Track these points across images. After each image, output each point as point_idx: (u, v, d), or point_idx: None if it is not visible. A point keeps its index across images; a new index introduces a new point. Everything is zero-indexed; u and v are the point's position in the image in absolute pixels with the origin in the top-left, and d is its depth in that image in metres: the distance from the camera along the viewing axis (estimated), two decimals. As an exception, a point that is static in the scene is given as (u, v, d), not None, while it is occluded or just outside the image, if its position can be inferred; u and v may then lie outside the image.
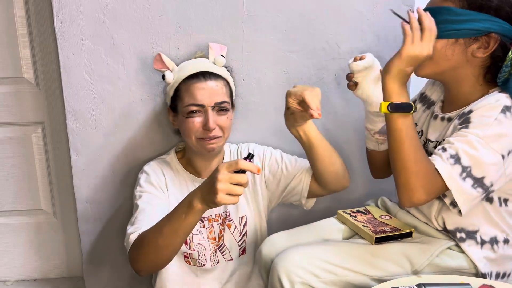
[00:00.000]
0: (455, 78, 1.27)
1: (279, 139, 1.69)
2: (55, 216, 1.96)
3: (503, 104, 1.16)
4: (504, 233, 1.27)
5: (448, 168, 1.14)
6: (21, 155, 1.87)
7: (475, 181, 1.15)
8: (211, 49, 1.50)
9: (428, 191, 1.15)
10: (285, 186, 1.55)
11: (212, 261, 1.54)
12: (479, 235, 1.26)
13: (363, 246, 1.30)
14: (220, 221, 1.55)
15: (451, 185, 1.15)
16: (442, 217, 1.28)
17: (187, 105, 1.43)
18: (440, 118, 1.32)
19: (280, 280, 1.21)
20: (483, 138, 1.14)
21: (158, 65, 1.51)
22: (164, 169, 1.53)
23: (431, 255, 1.25)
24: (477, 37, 1.20)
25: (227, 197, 1.11)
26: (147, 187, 1.47)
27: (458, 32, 1.20)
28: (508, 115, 1.15)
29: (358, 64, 1.32)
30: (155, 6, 1.56)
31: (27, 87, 1.81)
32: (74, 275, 2.03)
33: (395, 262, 1.25)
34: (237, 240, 1.57)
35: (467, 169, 1.14)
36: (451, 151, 1.16)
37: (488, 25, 1.18)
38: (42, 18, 1.73)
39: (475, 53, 1.22)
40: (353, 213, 1.45)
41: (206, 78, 1.45)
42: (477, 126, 1.16)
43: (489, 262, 1.27)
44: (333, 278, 1.22)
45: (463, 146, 1.15)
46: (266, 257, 1.37)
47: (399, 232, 1.31)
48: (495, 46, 1.20)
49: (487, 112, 1.16)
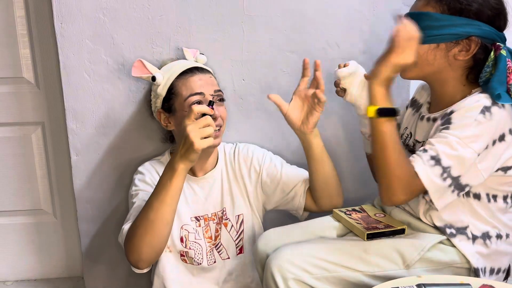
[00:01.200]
0: (438, 80, 1.30)
1: (279, 139, 1.69)
2: (55, 216, 1.96)
3: (482, 104, 1.18)
4: (496, 228, 1.28)
5: (427, 170, 1.18)
6: (21, 155, 1.87)
7: (453, 180, 1.19)
8: (187, 51, 1.55)
9: (408, 192, 1.20)
10: (282, 195, 1.56)
11: (208, 260, 1.54)
12: (469, 230, 1.27)
13: (355, 242, 1.32)
14: (216, 220, 1.55)
15: (429, 187, 1.18)
16: (430, 215, 1.29)
17: (188, 96, 1.43)
18: (426, 119, 1.35)
19: (274, 277, 1.23)
20: (462, 139, 1.17)
21: (138, 72, 1.50)
22: (158, 169, 1.53)
23: (422, 250, 1.26)
24: (458, 40, 1.23)
25: (202, 141, 1.23)
26: (142, 186, 1.49)
27: (439, 37, 1.23)
28: (487, 115, 1.18)
29: (343, 71, 1.39)
30: (155, 6, 1.56)
31: (27, 87, 1.81)
32: (74, 275, 2.04)
33: (387, 258, 1.26)
34: (234, 238, 1.57)
35: (447, 170, 1.18)
36: (432, 153, 1.19)
37: (468, 29, 1.21)
38: (42, 18, 1.73)
39: (456, 56, 1.24)
40: (348, 211, 1.47)
41: (200, 71, 1.48)
42: (457, 127, 1.19)
43: (482, 257, 1.27)
44: (326, 274, 1.24)
45: (443, 147, 1.18)
46: (262, 253, 1.38)
47: (391, 229, 1.33)
48: (476, 49, 1.23)
49: (467, 113, 1.19)
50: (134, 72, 1.50)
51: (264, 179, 1.57)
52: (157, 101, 1.50)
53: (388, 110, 1.20)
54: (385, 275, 1.24)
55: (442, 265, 1.27)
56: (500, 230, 1.28)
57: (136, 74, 1.50)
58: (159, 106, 1.51)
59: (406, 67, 1.21)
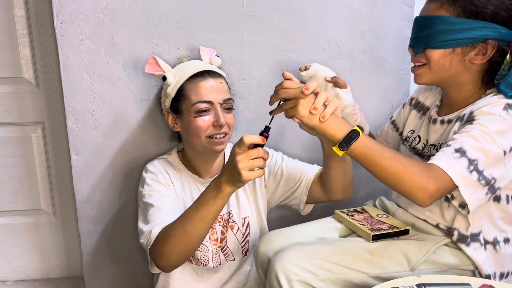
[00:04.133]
0: (454, 84, 1.28)
1: (278, 139, 1.69)
2: (55, 216, 1.96)
3: (505, 102, 1.16)
4: (504, 232, 1.27)
5: (451, 162, 1.13)
6: (21, 155, 1.87)
7: (479, 174, 1.14)
8: (203, 51, 1.53)
9: (436, 181, 1.12)
10: (284, 189, 1.55)
11: (214, 262, 1.54)
12: (482, 236, 1.26)
13: (360, 244, 1.31)
14: (222, 222, 1.55)
15: (458, 180, 1.12)
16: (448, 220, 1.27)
17: (196, 103, 1.42)
18: (440, 122, 1.32)
19: (278, 279, 1.22)
20: (487, 133, 1.14)
21: (151, 68, 1.49)
22: (167, 168, 1.52)
23: (428, 252, 1.25)
24: (474, 44, 1.20)
25: (251, 173, 1.16)
26: (156, 186, 1.46)
27: (455, 42, 1.20)
28: (511, 112, 1.16)
29: (303, 75, 1.40)
30: (155, 6, 1.56)
31: (27, 87, 1.81)
32: (74, 275, 2.04)
33: (392, 259, 1.26)
34: (240, 241, 1.57)
35: (473, 162, 1.13)
36: (456, 145, 1.14)
37: (485, 32, 1.18)
38: (42, 18, 1.73)
39: (473, 60, 1.22)
40: (350, 212, 1.46)
41: (211, 76, 1.46)
42: (481, 123, 1.15)
43: (493, 263, 1.27)
44: (330, 276, 1.23)
45: (468, 140, 1.14)
46: (263, 254, 1.37)
47: (396, 230, 1.32)
48: (493, 52, 1.20)
49: (491, 109, 1.16)
50: (147, 68, 1.50)
51: (266, 176, 1.56)
52: (166, 100, 1.50)
53: (350, 138, 1.14)
54: (390, 276, 1.22)
55: (447, 267, 1.26)
56: (507, 233, 1.28)
57: (149, 71, 1.50)
58: (168, 106, 1.50)
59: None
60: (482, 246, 1.25)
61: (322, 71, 1.38)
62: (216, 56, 1.54)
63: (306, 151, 1.70)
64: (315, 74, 1.38)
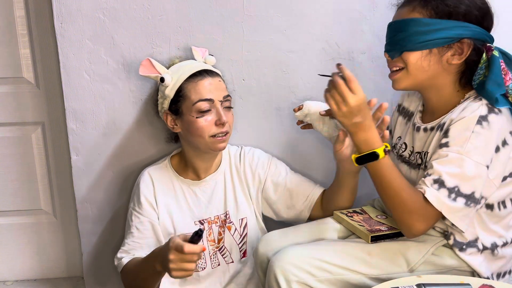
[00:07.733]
0: (433, 87, 1.28)
1: (278, 140, 1.69)
2: (55, 216, 1.96)
3: (478, 114, 1.17)
4: (503, 237, 1.28)
5: (435, 193, 1.16)
6: (21, 155, 1.87)
7: (467, 199, 1.16)
8: (196, 51, 1.54)
9: (424, 220, 1.19)
10: (285, 203, 1.56)
11: (212, 263, 1.54)
12: (480, 242, 1.26)
13: (359, 244, 1.31)
14: (219, 223, 1.55)
15: (441, 208, 1.16)
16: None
17: (196, 102, 1.42)
18: (423, 129, 1.32)
19: (277, 279, 1.22)
20: (463, 153, 1.15)
21: (146, 71, 1.49)
22: (155, 180, 1.53)
23: (427, 253, 1.25)
24: (450, 44, 1.21)
25: (180, 273, 1.25)
26: (138, 208, 1.51)
27: (431, 42, 1.21)
28: (485, 124, 1.16)
29: (297, 115, 1.48)
30: (155, 6, 1.56)
31: (27, 87, 1.81)
32: (74, 275, 2.03)
33: (391, 260, 1.26)
34: (238, 242, 1.57)
35: (454, 190, 1.16)
36: (434, 176, 1.17)
37: (459, 31, 1.19)
38: (42, 18, 1.73)
39: (450, 60, 1.23)
40: (350, 213, 1.46)
41: (209, 75, 1.46)
42: (456, 143, 1.17)
43: (490, 266, 1.27)
44: (329, 277, 1.23)
45: (445, 168, 1.16)
46: (262, 255, 1.37)
47: (395, 231, 1.32)
48: (469, 51, 1.21)
49: (464, 126, 1.17)
50: (141, 71, 1.49)
51: (267, 185, 1.56)
52: (165, 102, 1.48)
53: (366, 156, 1.20)
54: (389, 278, 1.22)
55: (446, 268, 1.26)
56: (506, 237, 1.28)
57: (144, 73, 1.49)
58: (166, 107, 1.49)
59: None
60: (479, 252, 1.26)
61: (315, 107, 1.45)
62: (210, 55, 1.54)
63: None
64: (309, 112, 1.45)
